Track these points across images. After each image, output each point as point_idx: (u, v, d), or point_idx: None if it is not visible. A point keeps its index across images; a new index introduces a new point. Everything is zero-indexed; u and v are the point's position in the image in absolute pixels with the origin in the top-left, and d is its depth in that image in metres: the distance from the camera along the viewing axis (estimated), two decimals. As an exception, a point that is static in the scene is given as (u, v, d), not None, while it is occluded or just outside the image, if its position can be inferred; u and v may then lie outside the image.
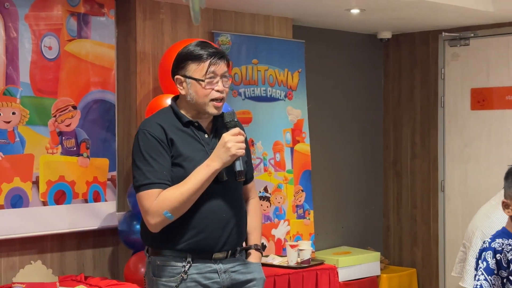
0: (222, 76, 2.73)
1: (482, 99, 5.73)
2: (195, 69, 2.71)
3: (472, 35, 5.73)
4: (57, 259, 4.09)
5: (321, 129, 5.73)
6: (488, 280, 2.73)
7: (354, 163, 6.11)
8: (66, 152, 4.07)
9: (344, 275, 5.32)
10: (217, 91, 2.71)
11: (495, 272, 2.73)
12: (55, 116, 4.03)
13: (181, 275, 2.68)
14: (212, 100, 2.71)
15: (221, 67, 2.72)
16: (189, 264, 2.69)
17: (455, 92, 5.89)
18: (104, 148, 4.25)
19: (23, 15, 3.90)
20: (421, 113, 6.10)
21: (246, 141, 2.79)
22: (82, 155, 4.14)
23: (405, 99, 6.21)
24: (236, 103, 4.79)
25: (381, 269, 5.75)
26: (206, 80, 2.69)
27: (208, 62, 2.69)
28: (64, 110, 4.07)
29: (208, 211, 2.70)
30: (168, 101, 2.98)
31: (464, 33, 5.77)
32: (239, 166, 2.68)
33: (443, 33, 5.81)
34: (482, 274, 2.74)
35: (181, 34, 4.52)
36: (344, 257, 5.48)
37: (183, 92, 2.74)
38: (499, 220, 4.23)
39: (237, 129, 2.70)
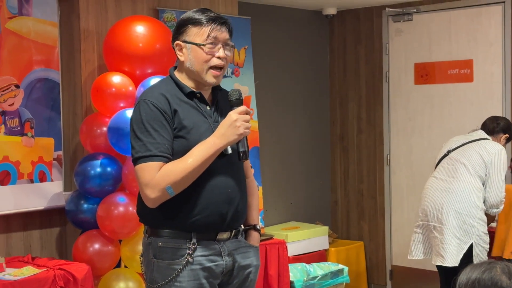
0: (225, 43, 2.59)
1: (425, 73, 5.83)
2: (195, 34, 2.57)
3: (415, 10, 5.81)
4: (3, 241, 4.03)
5: (268, 105, 5.76)
6: None
7: (302, 139, 6.17)
8: (10, 132, 4.00)
9: (293, 249, 5.39)
10: (218, 57, 2.57)
11: None
12: (-3, 95, 3.95)
13: (186, 258, 2.54)
14: (212, 68, 2.58)
15: (223, 33, 2.58)
16: (194, 246, 2.55)
17: (399, 67, 5.98)
18: (49, 127, 4.19)
19: (-39, -8, 3.80)
20: (366, 88, 6.18)
21: None
22: (26, 134, 4.08)
23: (350, 75, 6.28)
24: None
25: (329, 243, 5.83)
26: (207, 45, 2.56)
27: (209, 27, 2.56)
28: (7, 89, 3.99)
29: (213, 186, 2.56)
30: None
31: (407, 8, 5.85)
32: (243, 146, 2.55)
33: (386, 9, 5.88)
34: None
35: (126, 11, 4.47)
36: (293, 232, 5.54)
37: (182, 58, 2.60)
38: (464, 192, 4.33)
39: (244, 107, 2.55)
